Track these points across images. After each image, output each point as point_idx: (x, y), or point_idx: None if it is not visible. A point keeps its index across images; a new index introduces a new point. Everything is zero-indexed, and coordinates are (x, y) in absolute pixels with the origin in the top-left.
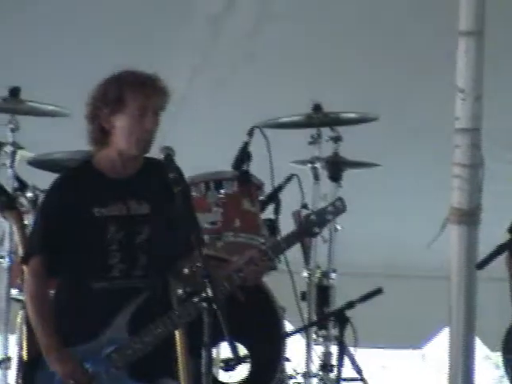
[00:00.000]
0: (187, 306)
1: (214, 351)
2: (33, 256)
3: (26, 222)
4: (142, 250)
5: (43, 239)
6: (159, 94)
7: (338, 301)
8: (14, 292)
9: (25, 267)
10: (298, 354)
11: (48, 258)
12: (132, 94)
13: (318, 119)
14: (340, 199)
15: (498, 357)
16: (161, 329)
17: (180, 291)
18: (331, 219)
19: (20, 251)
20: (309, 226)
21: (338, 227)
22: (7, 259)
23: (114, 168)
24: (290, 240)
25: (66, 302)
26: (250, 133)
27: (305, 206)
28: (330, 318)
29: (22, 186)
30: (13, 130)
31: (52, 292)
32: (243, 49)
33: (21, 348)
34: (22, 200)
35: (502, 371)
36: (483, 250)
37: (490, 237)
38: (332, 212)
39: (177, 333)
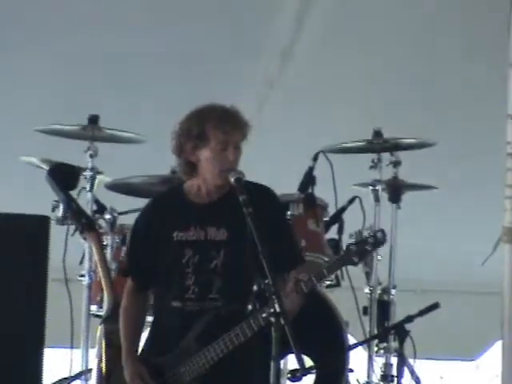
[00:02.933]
0: (251, 322)
1: (282, 363)
2: (127, 275)
3: (104, 243)
4: (217, 274)
5: (131, 260)
6: (239, 128)
7: (397, 315)
8: (94, 308)
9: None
10: (360, 365)
11: (137, 278)
12: (213, 130)
13: (379, 145)
14: (381, 231)
15: None
16: (228, 343)
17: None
18: (371, 250)
19: (99, 270)
20: (349, 256)
21: (379, 258)
22: (87, 277)
23: (199, 194)
24: (331, 268)
25: (153, 317)
26: (315, 157)
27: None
28: (390, 332)
29: (101, 208)
30: (91, 156)
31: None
32: (307, 78)
33: (100, 360)
34: (101, 222)
35: None
36: None
37: None
38: (372, 243)
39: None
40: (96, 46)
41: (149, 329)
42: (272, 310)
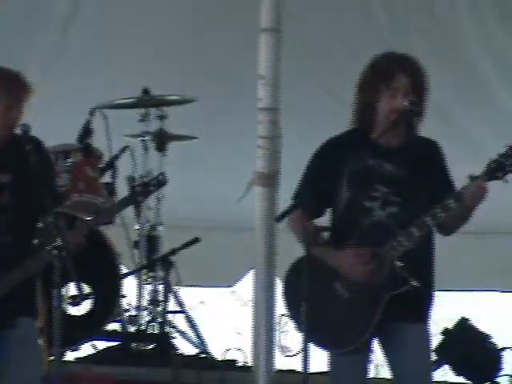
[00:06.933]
0: (38, 255)
1: (64, 290)
2: None
3: None
4: (3, 211)
5: None
6: (22, 91)
7: (163, 248)
8: None
9: None
10: (131, 291)
11: None
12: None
13: (147, 101)
14: (162, 174)
15: None
16: (16, 273)
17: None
18: (154, 190)
19: None
20: (135, 196)
21: (161, 196)
22: None
23: None
24: (120, 206)
25: None
26: (92, 113)
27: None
28: (157, 263)
29: None
30: None
31: None
32: (86, 47)
33: None
34: None
35: None
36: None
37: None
38: (155, 184)
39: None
40: None
41: None
42: (55, 244)
